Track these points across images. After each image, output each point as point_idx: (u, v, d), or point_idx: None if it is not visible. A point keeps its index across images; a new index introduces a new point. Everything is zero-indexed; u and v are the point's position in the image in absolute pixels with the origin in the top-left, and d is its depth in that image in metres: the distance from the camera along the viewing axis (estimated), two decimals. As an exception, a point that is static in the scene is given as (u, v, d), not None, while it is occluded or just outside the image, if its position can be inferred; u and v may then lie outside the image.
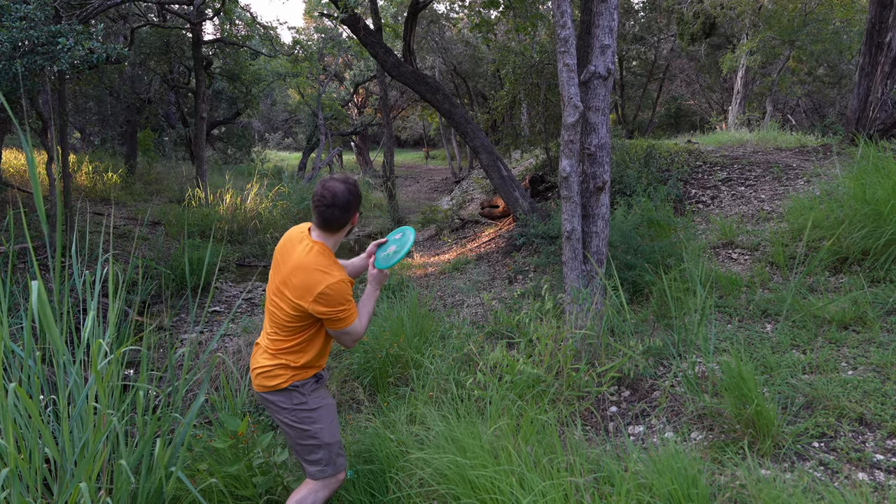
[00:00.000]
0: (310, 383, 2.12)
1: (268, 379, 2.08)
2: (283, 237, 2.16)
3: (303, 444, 2.10)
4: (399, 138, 32.94)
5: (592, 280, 3.38)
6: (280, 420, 2.11)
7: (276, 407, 2.10)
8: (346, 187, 2.01)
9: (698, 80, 19.11)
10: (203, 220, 8.66)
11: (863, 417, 2.26)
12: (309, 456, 2.11)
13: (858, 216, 3.66)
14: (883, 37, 6.24)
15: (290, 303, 2.00)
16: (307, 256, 2.00)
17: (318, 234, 2.07)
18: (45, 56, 4.40)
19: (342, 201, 2.00)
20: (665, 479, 1.87)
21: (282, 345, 2.07)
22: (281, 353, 2.07)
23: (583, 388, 2.82)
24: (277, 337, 2.08)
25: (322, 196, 1.99)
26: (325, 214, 2.00)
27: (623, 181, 6.04)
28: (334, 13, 7.11)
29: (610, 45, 3.33)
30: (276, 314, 2.07)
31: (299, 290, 1.97)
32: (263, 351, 2.13)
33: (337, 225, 2.05)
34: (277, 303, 2.05)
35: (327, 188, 2.00)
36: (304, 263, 1.99)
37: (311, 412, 2.10)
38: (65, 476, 1.81)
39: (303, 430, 2.09)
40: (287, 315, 2.03)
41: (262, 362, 2.11)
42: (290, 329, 2.05)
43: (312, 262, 1.99)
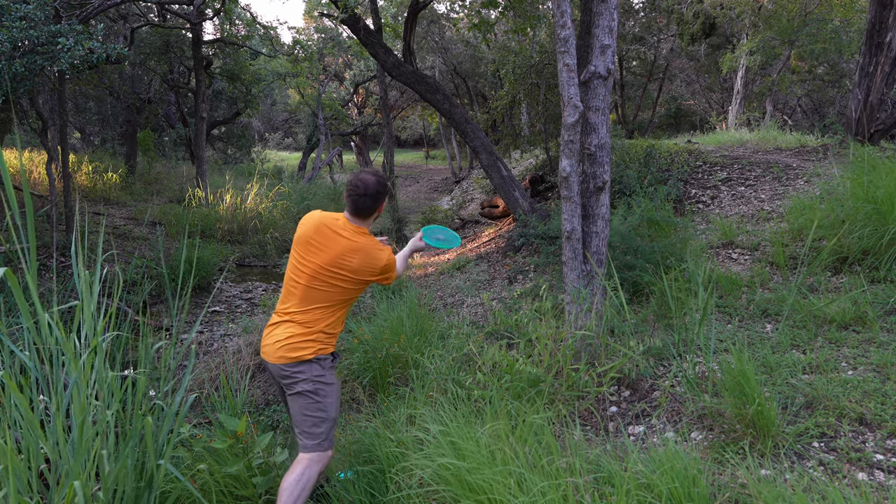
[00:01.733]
0: (329, 360, 2.33)
1: (293, 350, 2.24)
2: (314, 222, 2.36)
3: (311, 415, 2.25)
4: (399, 138, 32.94)
5: (592, 280, 3.37)
6: (298, 390, 2.25)
7: (298, 377, 2.24)
8: (376, 179, 2.32)
9: (698, 80, 19.11)
10: (203, 220, 8.66)
11: (863, 417, 2.26)
12: (312, 428, 2.25)
13: (858, 216, 3.66)
14: (883, 37, 6.24)
15: (351, 279, 2.29)
16: (360, 239, 2.32)
17: (354, 220, 2.35)
18: (45, 56, 4.40)
19: (373, 191, 2.29)
20: (665, 479, 1.87)
21: (322, 317, 2.29)
22: (316, 324, 2.29)
23: (582, 389, 2.82)
24: (317, 313, 2.29)
25: (356, 186, 2.29)
26: (358, 203, 2.30)
27: (623, 181, 6.04)
28: (334, 13, 7.11)
29: (610, 45, 3.33)
30: (324, 292, 2.29)
31: (364, 267, 2.29)
32: (289, 325, 2.29)
33: (367, 212, 2.34)
34: (328, 281, 2.28)
35: (361, 179, 2.30)
36: (360, 246, 2.30)
37: (327, 386, 2.29)
38: (60, 473, 1.81)
39: (316, 400, 2.25)
40: (342, 291, 2.30)
41: (289, 333, 2.27)
42: (338, 303, 2.32)
43: (367, 243, 2.32)
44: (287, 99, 26.41)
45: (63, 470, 1.79)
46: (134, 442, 1.98)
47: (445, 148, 22.49)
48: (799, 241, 4.24)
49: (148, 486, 2.02)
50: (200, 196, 9.50)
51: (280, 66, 15.10)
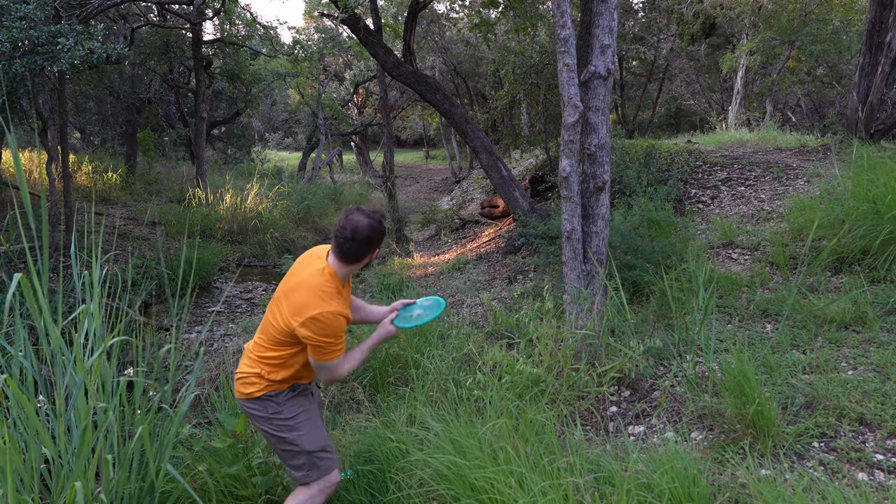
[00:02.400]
0: (284, 393, 2.08)
1: (243, 386, 2.07)
2: (309, 250, 2.16)
3: (283, 449, 2.09)
4: (399, 138, 32.94)
5: (593, 280, 3.37)
6: (258, 427, 2.10)
7: (253, 415, 2.08)
8: (368, 223, 1.93)
9: (698, 80, 19.11)
10: (203, 220, 8.66)
11: (863, 417, 2.26)
12: (291, 461, 2.10)
13: (858, 216, 3.66)
14: (883, 37, 6.24)
15: (283, 317, 1.97)
16: (314, 278, 1.97)
17: (333, 259, 2.02)
18: (45, 56, 4.40)
19: (361, 237, 1.93)
20: (666, 479, 1.87)
21: (265, 353, 2.04)
22: (262, 361, 2.05)
23: (583, 388, 2.82)
24: (264, 345, 2.05)
25: (343, 228, 1.93)
26: (343, 246, 1.95)
27: (623, 181, 6.04)
28: (334, 13, 7.11)
29: (610, 45, 3.33)
30: (270, 322, 2.04)
31: (293, 307, 1.94)
32: (246, 356, 2.13)
33: (352, 258, 1.98)
34: (274, 311, 2.03)
35: (350, 220, 1.93)
36: (309, 284, 1.96)
37: (288, 420, 2.07)
38: (60, 475, 1.81)
39: (280, 437, 2.06)
40: (277, 327, 2.00)
41: (242, 368, 2.10)
42: (277, 341, 2.01)
43: (316, 284, 1.95)
44: (287, 99, 26.40)
45: (64, 471, 1.80)
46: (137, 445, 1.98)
47: (445, 148, 22.49)
48: (799, 241, 4.24)
49: (150, 488, 2.02)
50: (200, 196, 9.49)
51: (280, 66, 15.09)
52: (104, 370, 2.02)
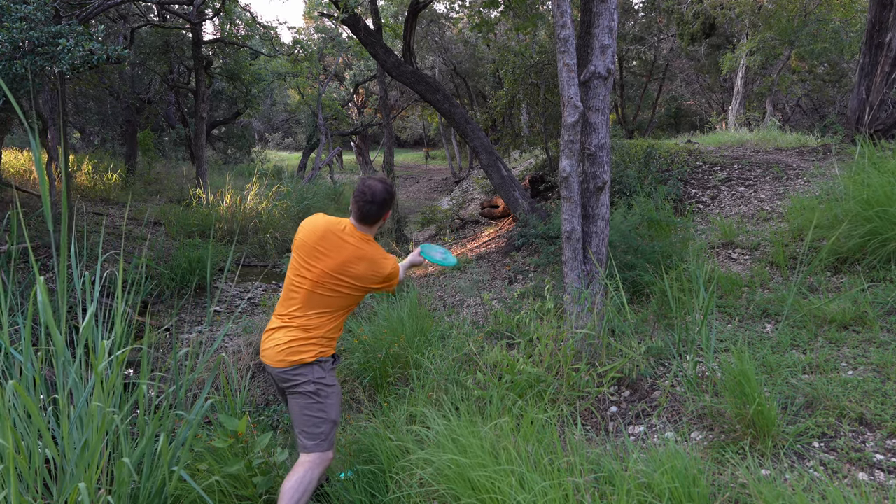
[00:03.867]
0: (329, 362, 2.34)
1: (294, 354, 2.25)
2: (321, 228, 2.34)
3: (312, 415, 2.26)
4: (399, 138, 32.93)
5: (593, 280, 3.37)
6: (299, 391, 2.26)
7: (300, 379, 2.25)
8: (383, 186, 2.30)
9: (698, 80, 19.10)
10: (203, 220, 8.65)
11: (863, 417, 2.26)
12: (312, 428, 2.26)
13: (858, 216, 3.66)
14: (883, 37, 6.24)
15: (354, 286, 2.29)
16: (366, 247, 2.31)
17: (359, 226, 2.34)
18: (45, 57, 4.40)
19: (380, 199, 2.28)
20: (666, 479, 1.87)
21: (323, 323, 2.30)
22: (317, 329, 2.29)
23: (583, 388, 2.82)
24: (318, 318, 2.29)
25: (363, 193, 2.27)
26: (364, 209, 2.28)
27: (623, 181, 6.04)
28: (334, 13, 7.11)
29: (610, 45, 3.33)
30: (326, 298, 2.29)
31: (368, 274, 2.29)
32: (290, 329, 2.29)
33: (373, 219, 2.33)
34: (332, 287, 2.28)
35: (368, 186, 2.28)
36: (366, 254, 2.30)
37: (328, 388, 2.30)
38: (64, 476, 1.81)
39: (318, 401, 2.26)
40: (344, 297, 2.31)
41: (290, 338, 2.27)
42: (340, 309, 2.33)
43: (372, 251, 2.32)
44: (287, 99, 26.40)
45: (68, 471, 1.79)
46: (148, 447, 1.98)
47: (445, 148, 22.49)
48: (799, 240, 4.24)
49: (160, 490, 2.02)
50: (200, 196, 9.49)
51: (280, 66, 15.09)
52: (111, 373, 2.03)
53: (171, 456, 2.10)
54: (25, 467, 1.75)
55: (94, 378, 1.81)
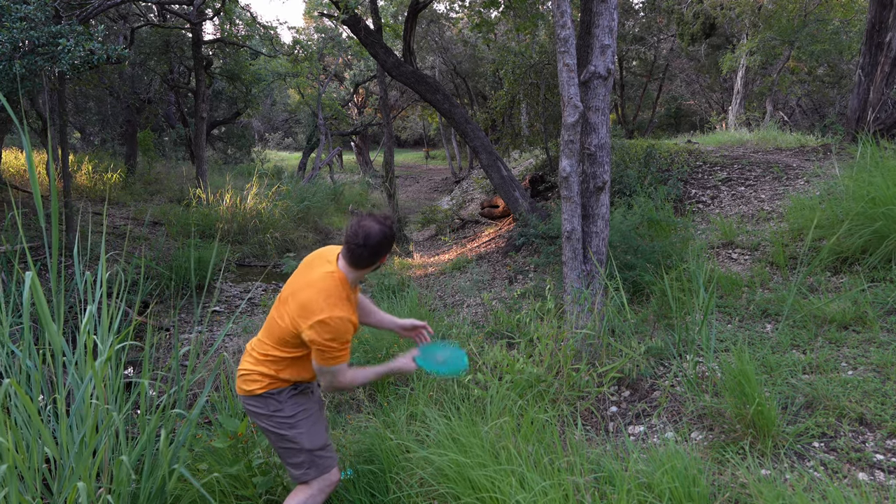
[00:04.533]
0: (287, 391, 2.10)
1: (246, 383, 2.09)
2: (316, 251, 2.16)
3: (282, 447, 2.10)
4: (399, 138, 32.94)
5: (593, 280, 3.38)
6: (259, 424, 2.12)
7: (254, 412, 2.10)
8: (380, 229, 1.96)
9: (698, 80, 19.11)
10: (203, 220, 8.66)
11: (863, 417, 2.26)
12: (290, 459, 2.11)
13: (862, 215, 3.66)
14: (883, 37, 6.24)
15: (290, 318, 1.99)
16: (323, 281, 1.97)
17: (343, 264, 2.03)
18: (45, 57, 4.40)
19: (373, 243, 1.95)
20: (666, 479, 1.87)
21: (271, 353, 2.06)
22: (267, 360, 2.06)
23: (583, 388, 2.82)
24: (269, 344, 2.07)
25: (355, 234, 1.95)
26: (354, 252, 1.97)
27: (623, 181, 6.04)
28: (335, 13, 7.11)
29: (610, 45, 3.33)
30: (276, 322, 2.05)
31: (301, 309, 1.95)
32: (249, 354, 2.14)
33: (364, 264, 2.01)
34: (281, 312, 2.04)
35: (362, 227, 1.95)
36: (317, 287, 1.97)
37: (288, 418, 2.08)
38: (63, 475, 1.81)
39: (280, 434, 2.08)
40: (284, 328, 2.01)
41: (245, 366, 2.12)
42: (283, 342, 2.03)
43: (324, 287, 1.96)
44: (287, 99, 26.40)
45: (68, 470, 1.80)
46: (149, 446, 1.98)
47: (445, 148, 22.49)
48: (799, 241, 4.24)
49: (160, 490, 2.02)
50: (200, 196, 9.49)
51: (280, 66, 15.08)
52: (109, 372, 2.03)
53: (171, 455, 2.10)
54: (25, 466, 1.75)
55: (92, 375, 1.81)
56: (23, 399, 1.71)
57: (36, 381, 1.95)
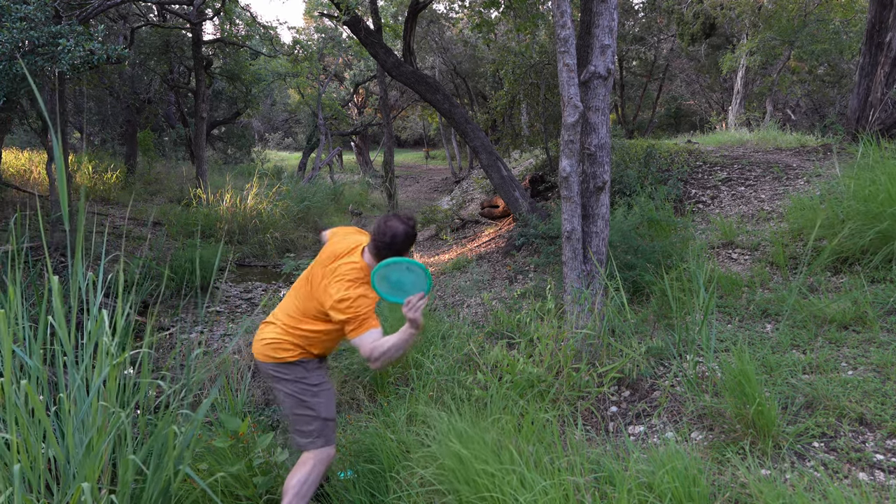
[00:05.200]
0: (314, 362, 2.30)
1: (276, 350, 2.24)
2: (339, 238, 2.31)
3: (299, 413, 2.24)
4: (399, 138, 32.93)
5: (593, 280, 3.38)
6: (280, 389, 2.25)
7: (279, 377, 2.24)
8: (405, 229, 2.16)
9: (698, 80, 19.10)
10: (203, 220, 8.66)
11: (863, 417, 2.26)
12: (303, 427, 2.24)
13: (860, 215, 3.66)
14: (883, 37, 6.24)
15: (317, 301, 2.18)
16: (349, 269, 2.15)
17: (368, 258, 2.21)
18: (45, 57, 4.40)
19: (399, 242, 2.14)
20: (667, 479, 1.87)
21: (302, 327, 2.23)
22: (298, 333, 2.23)
23: (583, 389, 2.82)
24: (301, 319, 2.24)
25: (382, 233, 2.15)
26: (381, 249, 2.16)
27: (623, 181, 6.04)
28: (335, 13, 7.12)
29: (610, 45, 3.33)
30: (306, 301, 2.23)
31: (325, 293, 2.14)
32: (276, 326, 2.28)
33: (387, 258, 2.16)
34: (310, 291, 2.22)
35: (389, 227, 2.15)
36: (340, 272, 2.14)
37: (313, 386, 2.26)
38: (67, 476, 1.81)
39: (302, 400, 2.23)
40: (315, 307, 2.20)
41: (271, 334, 2.26)
42: (315, 318, 2.22)
43: (349, 274, 2.14)
44: (287, 99, 26.39)
45: (71, 471, 1.79)
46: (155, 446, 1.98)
47: (445, 148, 22.48)
48: (799, 240, 4.24)
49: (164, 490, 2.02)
50: (200, 196, 9.49)
51: (280, 66, 15.08)
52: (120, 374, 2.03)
53: (177, 454, 2.10)
54: (28, 467, 1.75)
55: (96, 377, 1.81)
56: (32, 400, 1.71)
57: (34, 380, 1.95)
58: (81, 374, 1.94)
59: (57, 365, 1.98)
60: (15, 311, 1.87)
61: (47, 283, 1.96)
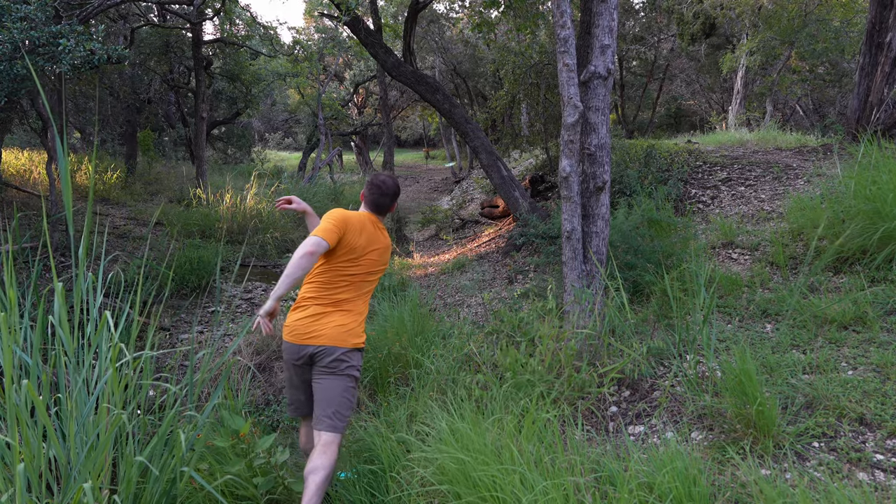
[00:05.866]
0: (361, 351, 2.55)
1: (354, 336, 2.45)
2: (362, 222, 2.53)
3: (349, 398, 2.43)
4: (399, 138, 32.93)
5: (593, 280, 3.38)
6: (345, 373, 2.42)
7: (347, 363, 2.42)
8: (392, 181, 2.65)
9: (698, 80, 19.10)
10: (203, 220, 8.65)
11: (863, 417, 2.27)
12: (346, 410, 2.41)
13: (863, 214, 3.65)
14: (883, 37, 6.24)
15: (382, 270, 2.61)
16: (386, 235, 2.67)
17: (378, 217, 2.64)
18: (46, 57, 4.40)
19: (391, 191, 2.62)
20: (667, 479, 1.87)
21: (365, 308, 2.55)
22: (363, 315, 2.53)
23: (584, 389, 2.82)
24: (363, 304, 2.55)
25: (379, 187, 2.59)
26: (379, 202, 2.60)
27: (623, 181, 6.04)
28: (334, 13, 7.12)
29: (610, 45, 3.33)
30: (369, 284, 2.57)
31: (387, 257, 2.64)
32: (345, 313, 2.46)
33: (386, 209, 2.65)
34: (375, 274, 2.57)
35: (381, 181, 2.61)
36: (388, 243, 2.67)
37: (359, 374, 2.51)
38: (68, 476, 1.81)
39: (351, 387, 2.44)
40: (373, 283, 2.59)
41: (349, 320, 2.46)
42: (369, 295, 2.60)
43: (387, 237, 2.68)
44: (287, 99, 26.38)
45: (74, 471, 1.79)
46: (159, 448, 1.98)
47: (445, 148, 22.48)
48: (799, 240, 4.24)
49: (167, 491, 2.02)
50: (200, 196, 9.50)
51: (280, 66, 15.07)
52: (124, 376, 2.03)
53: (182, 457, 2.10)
54: (31, 468, 1.75)
55: (99, 377, 1.81)
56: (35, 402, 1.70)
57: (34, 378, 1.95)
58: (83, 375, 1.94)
59: (59, 365, 1.98)
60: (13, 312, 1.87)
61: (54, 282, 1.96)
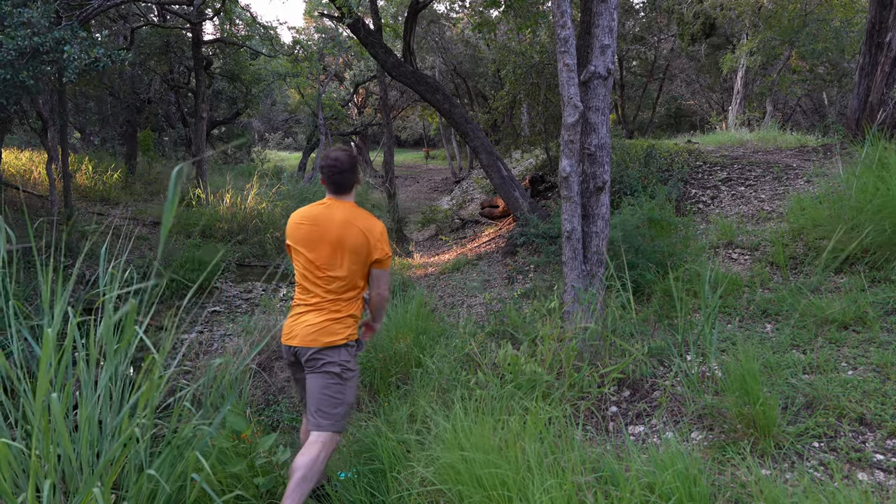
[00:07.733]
0: (354, 347, 2.46)
1: (326, 335, 2.35)
2: (306, 218, 2.42)
3: (332, 395, 2.35)
4: (399, 138, 32.92)
5: (593, 280, 3.38)
6: (324, 371, 2.35)
7: (327, 360, 2.34)
8: (345, 154, 2.43)
9: (698, 80, 19.10)
10: (203, 220, 8.65)
11: (863, 417, 2.27)
12: (330, 409, 2.34)
13: (867, 214, 3.65)
14: (883, 37, 6.24)
15: (354, 257, 2.36)
16: (351, 213, 2.40)
17: (339, 197, 2.43)
18: (50, 63, 4.41)
19: (347, 165, 2.40)
20: (668, 479, 1.88)
21: (344, 299, 2.40)
22: (344, 311, 2.40)
23: (585, 389, 2.83)
24: (338, 298, 2.39)
25: (332, 165, 2.39)
26: (336, 180, 2.41)
27: (623, 181, 6.04)
28: (334, 13, 7.12)
29: (610, 45, 3.34)
30: (334, 280, 2.38)
31: (362, 238, 2.35)
32: (320, 312, 2.39)
33: (348, 186, 2.44)
34: (336, 268, 2.37)
35: (334, 157, 2.40)
36: (352, 218, 2.38)
37: (351, 371, 2.41)
38: (76, 479, 1.81)
39: (339, 383, 2.36)
40: (350, 272, 2.37)
41: (322, 319, 2.37)
42: (355, 287, 2.43)
43: (358, 214, 2.41)
44: (287, 99, 26.37)
45: (84, 477, 1.79)
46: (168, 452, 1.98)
47: (445, 148, 22.47)
48: (799, 240, 4.24)
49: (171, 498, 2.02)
50: (201, 196, 9.49)
51: (280, 66, 15.06)
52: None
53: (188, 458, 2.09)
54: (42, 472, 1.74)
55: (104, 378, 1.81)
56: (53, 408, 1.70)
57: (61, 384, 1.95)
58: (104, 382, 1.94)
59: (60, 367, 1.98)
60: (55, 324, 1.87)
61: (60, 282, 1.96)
